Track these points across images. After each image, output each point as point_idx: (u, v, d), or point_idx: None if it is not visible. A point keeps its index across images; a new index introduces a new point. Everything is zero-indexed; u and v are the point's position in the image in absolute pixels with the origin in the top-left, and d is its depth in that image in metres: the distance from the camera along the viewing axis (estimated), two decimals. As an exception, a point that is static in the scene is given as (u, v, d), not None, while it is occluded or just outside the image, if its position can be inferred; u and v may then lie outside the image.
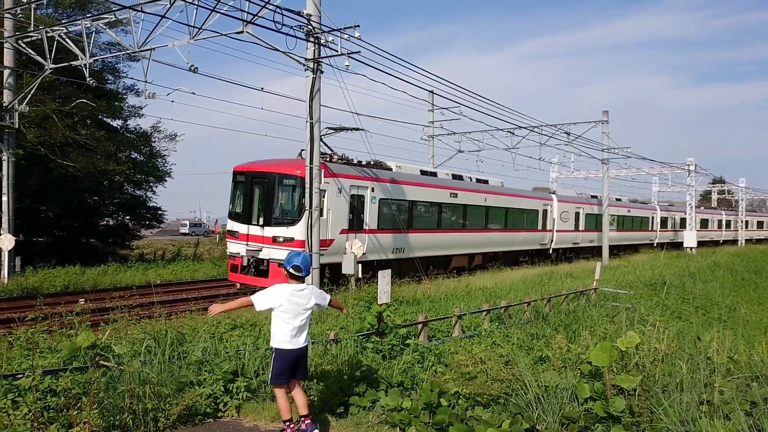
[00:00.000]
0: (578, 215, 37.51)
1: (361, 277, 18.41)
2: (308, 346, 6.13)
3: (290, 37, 14.71)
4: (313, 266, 15.41)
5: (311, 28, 15.15)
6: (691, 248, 46.24)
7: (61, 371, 6.25)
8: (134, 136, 33.15)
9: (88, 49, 17.67)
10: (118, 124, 32.74)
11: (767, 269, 40.28)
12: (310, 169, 15.55)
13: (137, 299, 15.67)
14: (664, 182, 59.50)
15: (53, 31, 18.27)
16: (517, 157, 35.62)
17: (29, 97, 20.09)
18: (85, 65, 17.90)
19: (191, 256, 35.30)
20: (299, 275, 5.92)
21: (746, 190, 69.93)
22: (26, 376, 5.84)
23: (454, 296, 17.49)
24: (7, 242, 20.58)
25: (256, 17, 14.42)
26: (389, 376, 7.58)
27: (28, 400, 5.67)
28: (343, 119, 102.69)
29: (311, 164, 15.55)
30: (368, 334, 9.45)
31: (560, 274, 25.64)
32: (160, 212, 36.26)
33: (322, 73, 15.79)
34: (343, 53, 15.76)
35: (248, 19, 14.42)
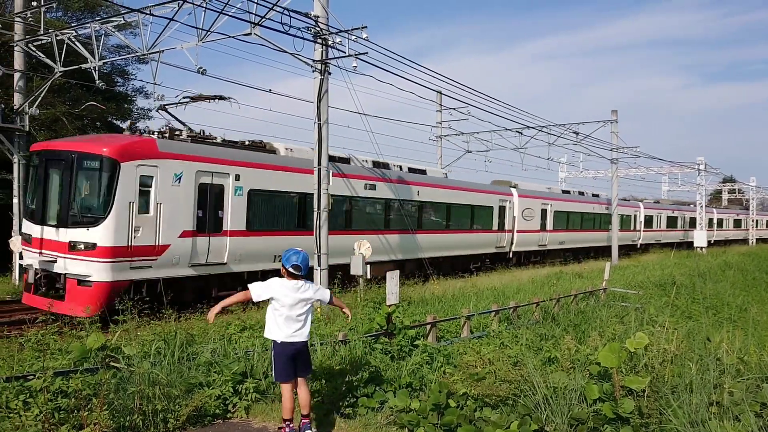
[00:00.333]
0: (545, 213, 32.60)
1: (369, 278, 18.14)
2: (307, 342, 6.06)
3: (298, 38, 14.73)
4: (321, 267, 15.41)
5: (319, 29, 15.16)
6: (701, 248, 46.00)
7: (71, 372, 6.30)
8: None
9: (97, 51, 17.76)
10: (127, 126, 32.87)
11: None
12: (318, 170, 15.57)
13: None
14: (674, 182, 59.24)
15: (63, 34, 18.37)
16: (525, 157, 35.41)
17: (39, 99, 20.21)
18: (94, 68, 17.99)
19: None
20: (298, 274, 5.88)
21: (757, 189, 69.44)
22: (37, 377, 5.89)
23: (462, 296, 17.47)
24: (18, 244, 20.73)
25: (263, 19, 14.45)
26: (398, 377, 7.59)
27: (39, 401, 5.72)
28: (351, 120, 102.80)
29: (319, 165, 15.56)
30: (377, 335, 9.47)
31: (569, 274, 25.57)
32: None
33: (329, 74, 15.79)
34: (350, 54, 15.76)
35: (256, 21, 14.45)
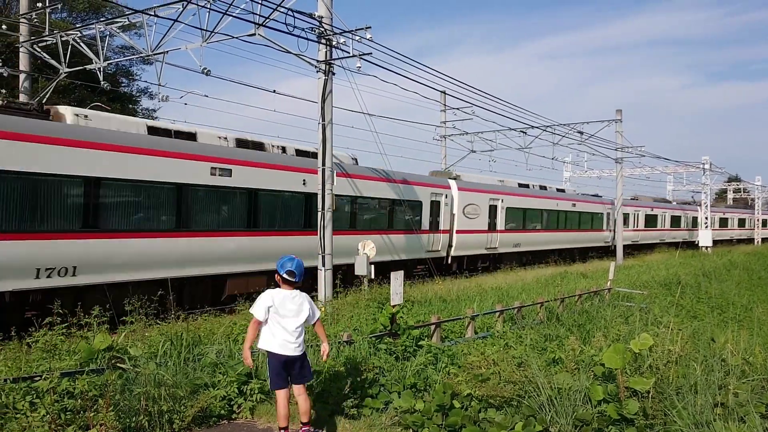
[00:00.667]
0: (494, 210, 27.79)
1: (368, 281, 18.14)
2: (305, 353, 5.93)
3: (302, 39, 14.76)
4: (326, 267, 15.44)
5: (323, 30, 15.19)
6: (706, 247, 45.95)
7: (78, 373, 6.33)
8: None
9: (102, 52, 17.84)
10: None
11: (784, 269, 39.81)
12: (322, 170, 15.58)
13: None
14: (678, 181, 59.12)
15: (68, 35, 18.44)
16: (530, 157, 35.38)
17: (44, 100, 20.30)
18: (99, 69, 18.06)
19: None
20: (293, 281, 5.78)
21: (762, 188, 69.22)
22: (44, 378, 5.92)
23: (465, 297, 17.46)
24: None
25: (267, 20, 14.48)
26: (402, 377, 7.60)
27: (45, 402, 5.75)
28: (355, 120, 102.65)
29: (323, 166, 15.58)
30: (381, 335, 9.48)
31: (574, 273, 25.53)
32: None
33: (333, 74, 15.81)
34: (354, 55, 15.78)
35: (260, 21, 14.49)
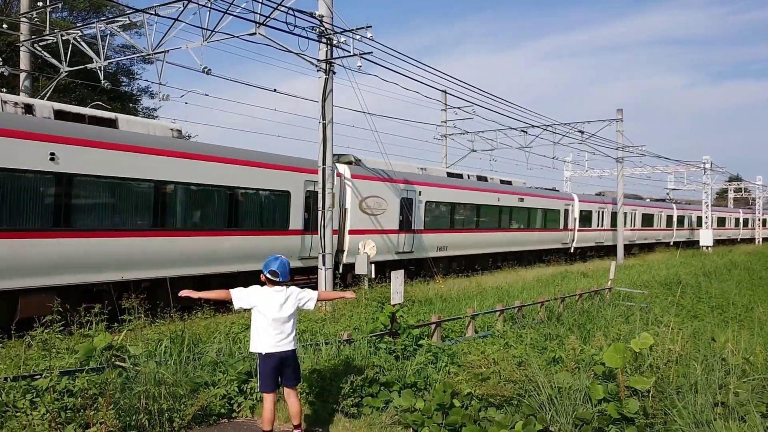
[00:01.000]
0: (410, 204, 21.99)
1: (373, 277, 18.20)
2: (295, 350, 5.96)
3: (302, 38, 14.76)
4: (327, 266, 15.43)
5: (323, 29, 15.18)
6: (707, 247, 45.95)
7: (77, 372, 6.33)
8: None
9: (102, 51, 17.83)
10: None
11: (785, 268, 39.79)
12: (323, 169, 15.57)
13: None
14: (679, 180, 59.10)
15: (68, 34, 18.44)
16: (531, 156, 35.38)
17: (45, 99, 20.31)
18: (99, 68, 18.07)
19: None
20: (276, 280, 5.82)
21: (763, 187, 69.16)
22: (44, 376, 5.92)
23: (466, 296, 17.46)
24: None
25: (268, 19, 14.48)
26: (402, 376, 7.60)
27: (45, 400, 5.74)
28: (355, 119, 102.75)
29: (323, 165, 15.57)
30: (381, 334, 9.47)
31: (575, 273, 25.52)
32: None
33: (334, 73, 15.81)
34: (355, 54, 15.77)
35: (261, 20, 14.49)
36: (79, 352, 7.23)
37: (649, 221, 44.21)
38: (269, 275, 5.82)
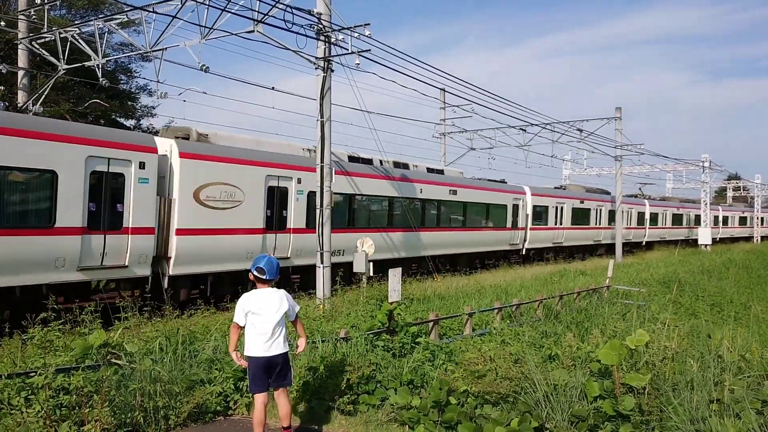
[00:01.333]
0: (282, 196, 17.33)
1: (372, 275, 18.12)
2: (287, 353, 5.86)
3: (301, 36, 14.75)
4: (324, 264, 15.41)
5: (321, 26, 15.16)
6: (705, 245, 45.98)
7: (73, 369, 6.31)
8: (147, 135, 33.50)
9: (100, 49, 17.80)
10: (131, 124, 33.06)
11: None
12: (321, 167, 15.56)
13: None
14: (678, 179, 59.17)
15: (66, 32, 18.40)
16: (529, 154, 35.30)
17: (43, 97, 20.27)
18: (98, 66, 18.03)
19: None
20: (264, 278, 5.75)
21: (762, 186, 69.21)
22: (39, 374, 5.91)
23: (464, 294, 17.48)
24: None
25: (266, 16, 14.46)
26: (399, 374, 7.60)
27: (40, 398, 5.73)
28: (354, 117, 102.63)
29: (322, 162, 15.56)
30: (379, 332, 9.47)
31: (573, 271, 25.53)
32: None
33: (332, 71, 15.79)
34: (353, 52, 15.76)
35: (259, 18, 14.46)
36: (75, 349, 7.23)
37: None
38: (257, 273, 5.75)
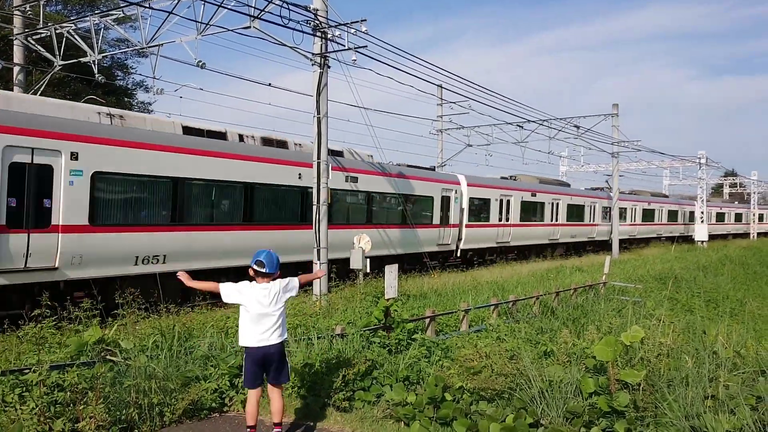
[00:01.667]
0: (42, 179, 11.93)
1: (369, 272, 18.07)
2: (282, 345, 5.83)
3: (297, 32, 14.71)
4: (321, 260, 15.41)
5: (318, 23, 15.12)
6: (702, 242, 46.09)
7: (68, 366, 6.30)
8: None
9: (96, 45, 17.73)
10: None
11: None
12: (318, 164, 15.54)
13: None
14: (675, 176, 59.25)
15: (62, 27, 18.34)
16: (526, 151, 35.25)
17: (39, 93, 20.20)
18: (94, 62, 17.96)
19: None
20: (263, 271, 5.73)
21: (758, 183, 69.37)
22: (33, 371, 5.89)
23: (462, 290, 17.49)
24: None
25: (263, 12, 14.42)
26: (395, 370, 7.60)
27: (35, 394, 5.72)
28: (350, 113, 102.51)
29: (319, 159, 15.54)
30: (375, 328, 9.47)
31: (569, 268, 25.57)
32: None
33: (329, 67, 15.76)
34: (350, 48, 15.74)
35: (255, 14, 14.43)
36: (70, 346, 7.23)
37: (579, 214, 36.53)
38: (256, 266, 5.73)
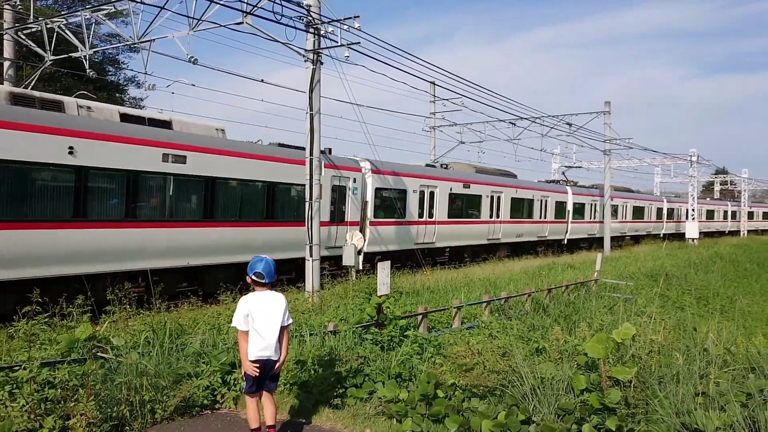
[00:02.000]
0: None
1: (361, 268, 18.10)
2: (278, 360, 5.70)
3: (290, 28, 14.65)
4: (314, 258, 15.39)
5: (311, 18, 15.07)
6: (693, 239, 46.32)
7: (58, 363, 6.26)
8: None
9: (88, 40, 17.60)
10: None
11: (770, 260, 40.23)
12: (310, 160, 15.50)
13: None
14: (666, 173, 59.53)
15: (53, 22, 18.20)
16: (519, 148, 35.30)
17: (29, 88, 20.06)
18: (85, 57, 17.83)
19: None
20: (263, 282, 5.63)
21: (749, 180, 69.76)
22: (23, 367, 5.85)
23: (454, 287, 17.51)
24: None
25: (255, 8, 14.35)
26: (387, 367, 7.60)
27: (25, 392, 5.68)
28: (343, 110, 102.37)
29: (311, 156, 15.50)
30: (367, 325, 9.47)
31: (561, 265, 25.64)
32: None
33: (321, 64, 15.71)
34: (342, 44, 15.69)
35: (248, 9, 14.36)
36: (61, 343, 7.18)
37: (527, 210, 32.03)
38: (255, 277, 5.62)
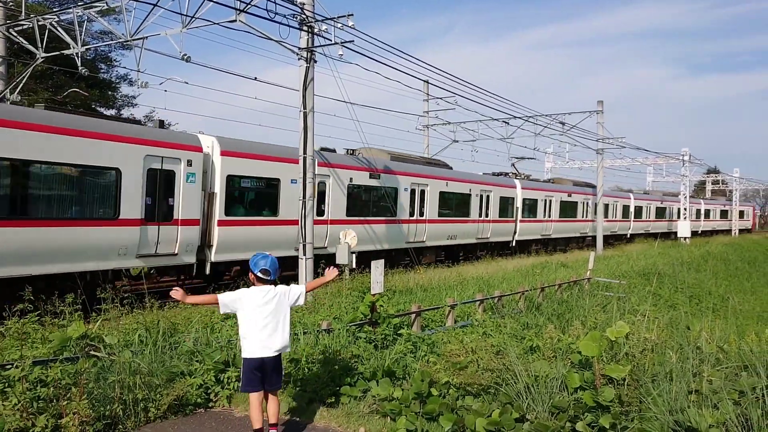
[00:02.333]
0: None
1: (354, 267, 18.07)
2: (280, 356, 5.75)
3: (284, 26, 14.61)
4: (307, 256, 15.36)
5: (305, 17, 15.04)
6: (684, 238, 46.55)
7: (51, 361, 6.23)
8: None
9: (80, 37, 17.50)
10: (111, 113, 32.66)
11: (760, 259, 40.54)
12: (303, 159, 15.47)
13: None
14: (659, 173, 59.80)
15: (45, 19, 18.08)
16: (512, 147, 35.33)
17: (21, 86, 19.92)
18: (77, 54, 17.72)
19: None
20: (267, 279, 5.60)
21: (740, 180, 70.15)
22: (15, 366, 5.81)
23: (447, 286, 17.52)
24: None
25: (249, 6, 14.30)
26: (381, 365, 7.59)
27: (17, 390, 5.64)
28: (337, 108, 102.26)
29: (305, 154, 15.47)
30: (361, 323, 9.46)
31: (554, 264, 25.70)
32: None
33: (315, 62, 15.68)
34: (336, 42, 15.67)
35: (241, 7, 14.31)
36: (53, 341, 7.14)
37: (463, 208, 26.76)
38: (260, 274, 5.58)
